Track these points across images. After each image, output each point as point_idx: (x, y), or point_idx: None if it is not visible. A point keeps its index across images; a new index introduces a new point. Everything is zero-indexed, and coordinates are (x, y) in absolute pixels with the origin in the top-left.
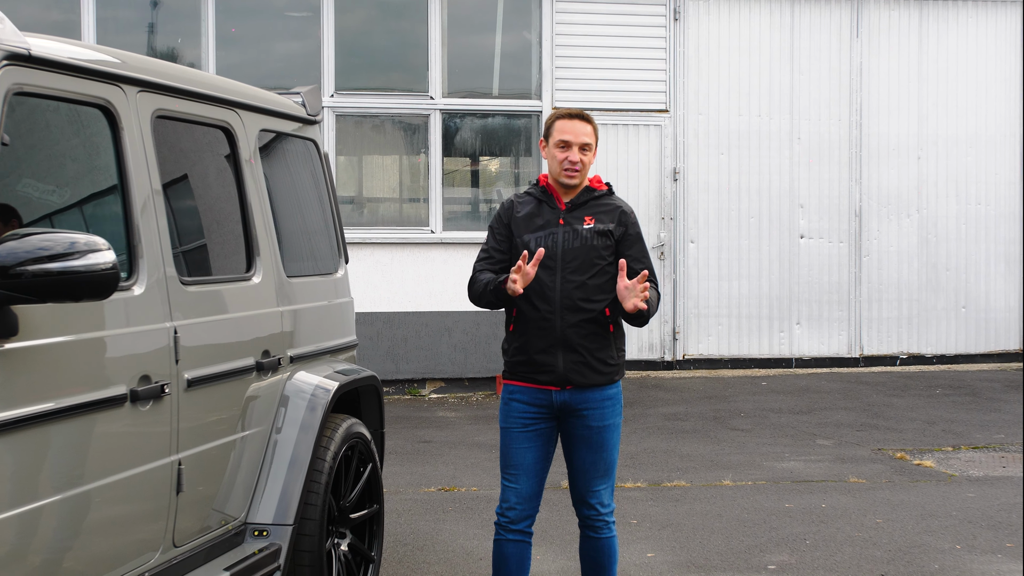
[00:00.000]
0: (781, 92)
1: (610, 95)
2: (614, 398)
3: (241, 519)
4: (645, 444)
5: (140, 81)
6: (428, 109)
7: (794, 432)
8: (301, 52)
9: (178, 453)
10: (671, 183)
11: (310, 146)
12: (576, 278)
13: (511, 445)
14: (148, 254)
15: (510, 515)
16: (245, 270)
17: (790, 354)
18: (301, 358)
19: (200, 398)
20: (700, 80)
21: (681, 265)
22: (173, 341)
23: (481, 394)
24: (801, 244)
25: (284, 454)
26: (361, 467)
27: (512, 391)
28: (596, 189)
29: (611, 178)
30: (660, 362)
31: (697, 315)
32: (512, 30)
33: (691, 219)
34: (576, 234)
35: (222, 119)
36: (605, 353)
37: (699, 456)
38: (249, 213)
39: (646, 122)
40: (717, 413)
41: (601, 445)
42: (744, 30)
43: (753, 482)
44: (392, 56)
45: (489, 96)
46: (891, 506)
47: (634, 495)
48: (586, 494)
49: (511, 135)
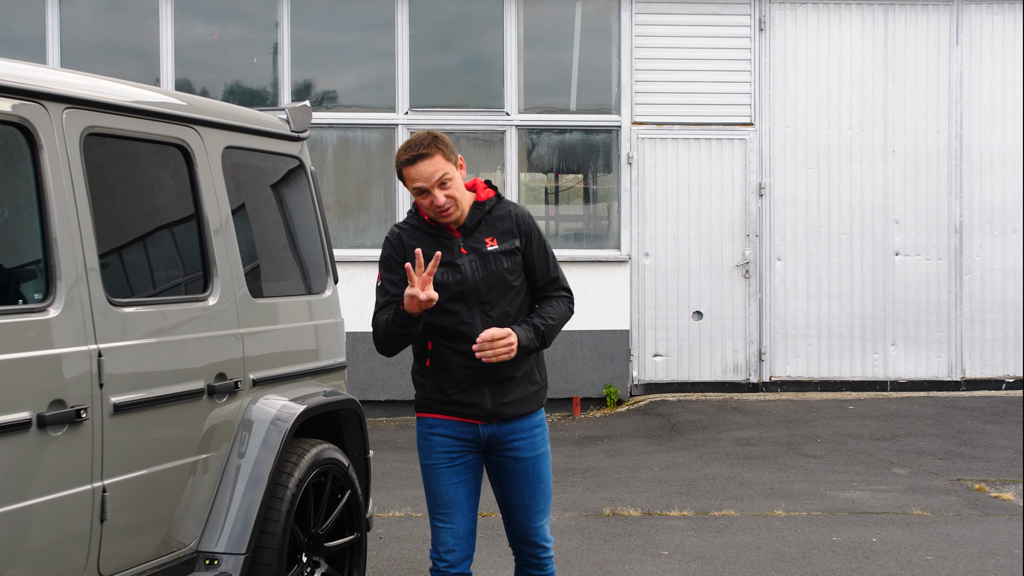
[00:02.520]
0: (874, 103)
1: (692, 109)
2: (541, 424)
3: (192, 547)
4: (707, 470)
5: (65, 98)
6: (504, 125)
7: (870, 459)
8: (375, 69)
9: (102, 480)
10: (756, 199)
11: (294, 163)
12: (496, 311)
13: (440, 483)
14: (66, 275)
15: (449, 559)
16: (200, 291)
17: (884, 377)
18: (270, 381)
19: (131, 423)
20: (787, 92)
21: (767, 284)
22: (96, 365)
23: (558, 415)
24: (896, 261)
25: (239, 480)
26: (339, 494)
27: (432, 425)
28: (484, 201)
29: (693, 194)
30: (745, 384)
31: (784, 335)
32: (590, 43)
33: (777, 236)
34: (484, 260)
35: (176, 136)
36: (529, 379)
37: (760, 484)
38: (206, 233)
39: (730, 136)
40: (792, 438)
41: (537, 476)
42: (834, 39)
43: (807, 512)
44: (467, 71)
45: (567, 111)
46: (948, 542)
47: (675, 524)
48: (529, 532)
49: (589, 151)
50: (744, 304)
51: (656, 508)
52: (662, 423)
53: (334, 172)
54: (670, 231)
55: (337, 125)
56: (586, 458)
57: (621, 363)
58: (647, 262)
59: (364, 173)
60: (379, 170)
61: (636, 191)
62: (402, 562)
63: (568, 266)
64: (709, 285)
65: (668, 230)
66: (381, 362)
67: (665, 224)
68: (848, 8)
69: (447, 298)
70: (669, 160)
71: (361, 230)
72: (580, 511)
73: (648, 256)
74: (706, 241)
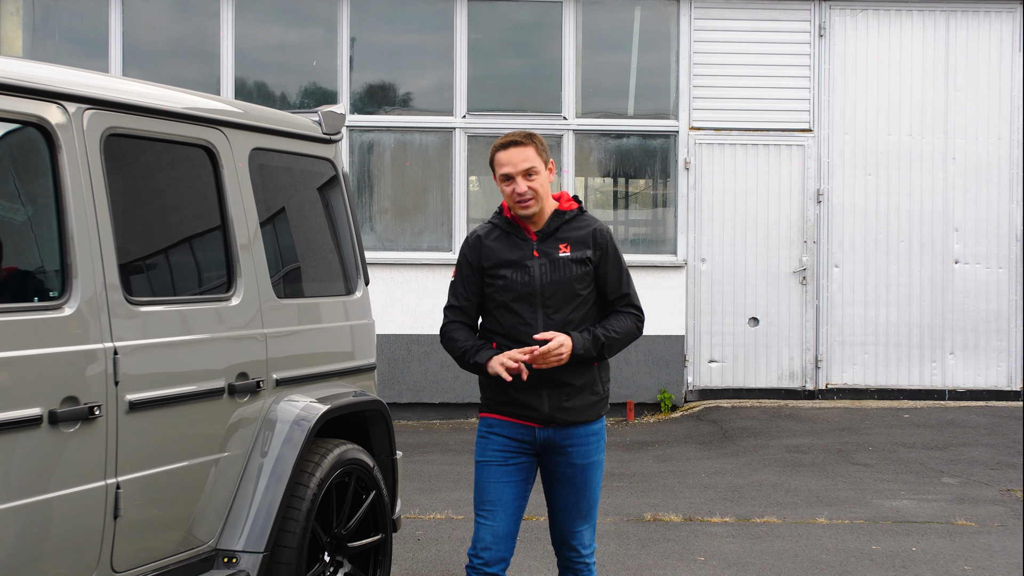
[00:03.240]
0: (935, 110)
1: (750, 114)
2: (598, 434)
3: (211, 544)
4: (754, 477)
5: (85, 98)
6: (561, 129)
7: (920, 468)
8: (433, 72)
9: (116, 476)
10: (814, 205)
11: (326, 166)
12: (559, 315)
13: (488, 480)
14: (82, 274)
15: (484, 556)
16: (224, 291)
17: (943, 385)
18: (294, 381)
19: (148, 421)
20: (846, 98)
21: (824, 291)
22: (112, 362)
23: (612, 420)
24: (956, 269)
25: (260, 479)
26: (363, 494)
27: (491, 424)
28: (566, 211)
29: (750, 200)
30: (801, 391)
31: (841, 343)
32: (649, 48)
33: (835, 243)
34: (554, 265)
35: (201, 137)
36: (591, 388)
37: (806, 491)
38: (230, 234)
39: (788, 142)
40: (843, 446)
41: (585, 483)
42: (894, 45)
43: (850, 521)
44: (525, 75)
45: (624, 116)
46: (989, 553)
47: (716, 530)
48: (568, 535)
49: (646, 156)
50: (801, 311)
51: (698, 514)
52: (714, 429)
53: (391, 175)
54: (727, 237)
55: (395, 128)
56: (635, 463)
57: (676, 369)
58: (703, 267)
59: (421, 176)
60: (436, 173)
61: (693, 196)
62: (437, 564)
63: None
64: (765, 291)
65: (725, 236)
66: (436, 364)
67: (722, 230)
68: (909, 14)
69: (513, 298)
70: (727, 166)
71: (417, 233)
72: (622, 516)
73: (704, 261)
74: (763, 247)
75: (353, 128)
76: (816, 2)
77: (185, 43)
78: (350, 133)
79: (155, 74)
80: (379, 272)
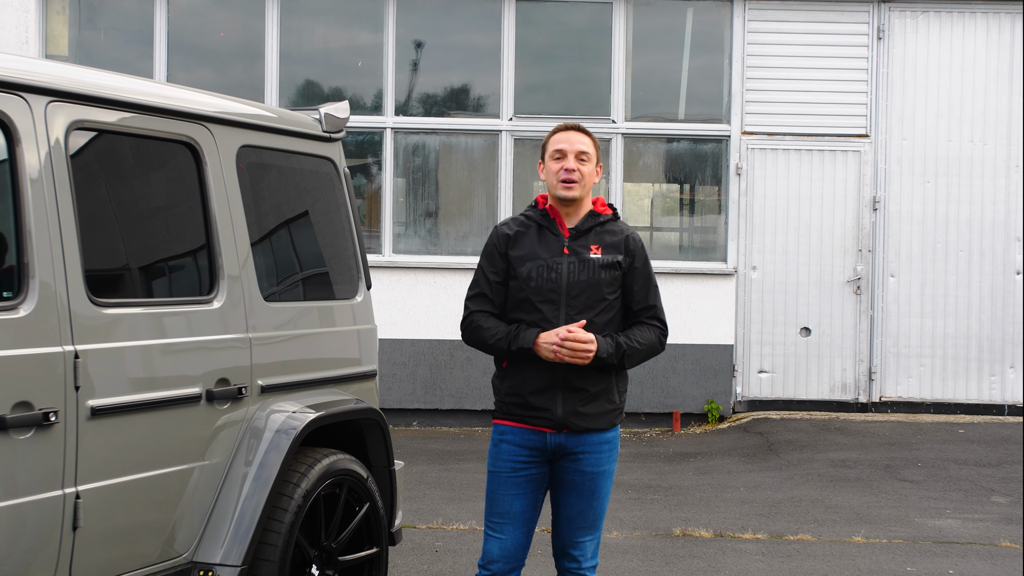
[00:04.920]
0: (998, 115)
1: (805, 119)
2: (611, 443)
3: (187, 557)
4: (795, 492)
5: (48, 90)
6: (610, 133)
7: (970, 486)
8: (480, 75)
9: (76, 486)
10: (870, 212)
11: (326, 165)
12: (581, 316)
13: (498, 491)
14: (42, 273)
15: (492, 568)
16: (205, 293)
17: (1002, 400)
18: (282, 388)
19: (112, 427)
20: (905, 103)
21: (879, 300)
22: (72, 367)
23: (657, 430)
24: (1018, 280)
25: (239, 489)
26: (356, 506)
27: (503, 431)
28: (601, 214)
29: (804, 207)
30: (853, 404)
31: (896, 355)
32: (700, 51)
33: (891, 251)
34: (583, 265)
35: (183, 133)
36: (606, 396)
37: (847, 508)
38: (213, 234)
39: (844, 147)
40: (891, 462)
41: (593, 493)
42: (956, 48)
43: (888, 540)
44: (573, 78)
45: (674, 120)
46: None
47: (745, 547)
48: (568, 545)
49: (696, 161)
50: (854, 321)
51: (730, 530)
52: (760, 441)
53: (436, 178)
54: (779, 244)
55: (440, 130)
56: (674, 475)
57: (724, 379)
58: (754, 276)
59: (466, 179)
60: (481, 176)
61: (744, 203)
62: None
63: (672, 278)
64: (818, 301)
65: (776, 243)
66: (479, 371)
67: (774, 237)
68: (972, 16)
69: (536, 294)
70: (780, 171)
71: (462, 237)
72: (650, 530)
73: (755, 270)
74: (816, 255)
75: (398, 130)
76: (874, 3)
77: (230, 42)
78: (395, 135)
79: (199, 73)
80: (422, 276)
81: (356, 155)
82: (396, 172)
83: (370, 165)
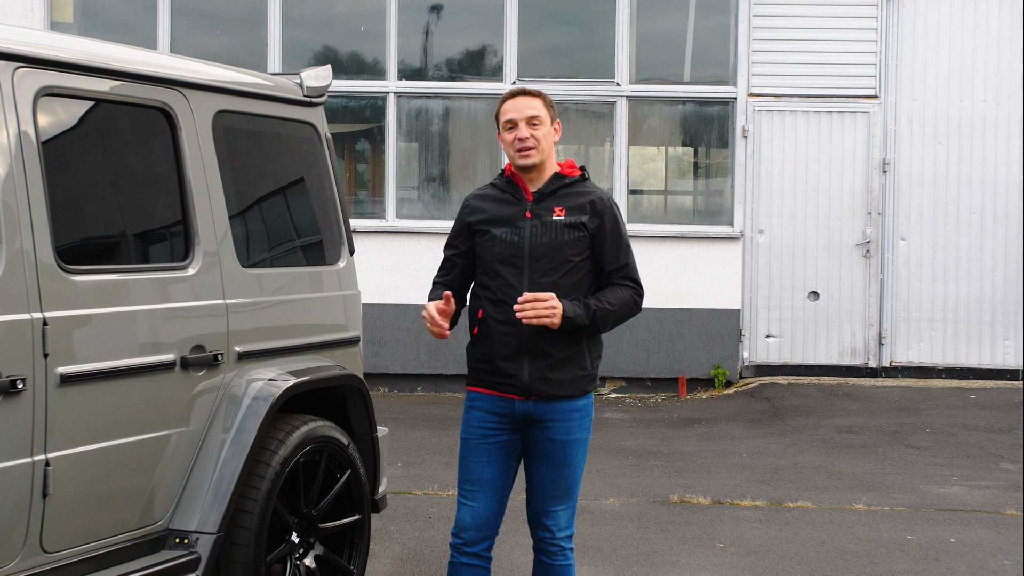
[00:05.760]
0: (1011, 75)
1: (813, 80)
2: (583, 411)
3: (163, 524)
4: (798, 458)
5: (16, 56)
6: (614, 96)
7: (978, 453)
8: (483, 37)
9: (45, 453)
10: (879, 175)
11: (307, 130)
12: (546, 279)
13: (469, 458)
14: (7, 240)
15: (464, 536)
16: (180, 259)
17: (1016, 365)
18: (261, 354)
19: (82, 395)
20: (915, 63)
21: (890, 264)
22: (41, 333)
23: (663, 395)
24: None
25: (215, 456)
26: (338, 473)
27: (473, 398)
28: (567, 176)
29: (812, 170)
30: (863, 369)
31: (907, 319)
32: (706, 11)
33: (902, 214)
34: (545, 227)
35: (156, 99)
36: (576, 362)
37: (850, 474)
38: (188, 200)
39: (852, 109)
40: (899, 427)
41: (564, 461)
42: (968, 7)
43: (890, 508)
44: (577, 41)
45: (680, 82)
46: None
47: (743, 515)
48: (541, 514)
49: (702, 124)
50: (864, 285)
51: (728, 497)
52: (765, 407)
53: (438, 142)
54: (786, 208)
55: (443, 94)
56: (676, 441)
57: (731, 344)
58: (761, 239)
59: (469, 143)
60: (484, 141)
61: (751, 166)
62: (443, 543)
63: (678, 242)
64: (827, 264)
65: (784, 207)
66: None
67: (781, 200)
68: None
69: (499, 258)
70: (787, 134)
71: None
72: (648, 497)
73: (762, 233)
74: (824, 219)
75: (401, 94)
76: None
77: (231, 9)
78: (398, 99)
79: (202, 38)
80: (426, 241)
81: (359, 120)
82: (399, 137)
83: (373, 130)
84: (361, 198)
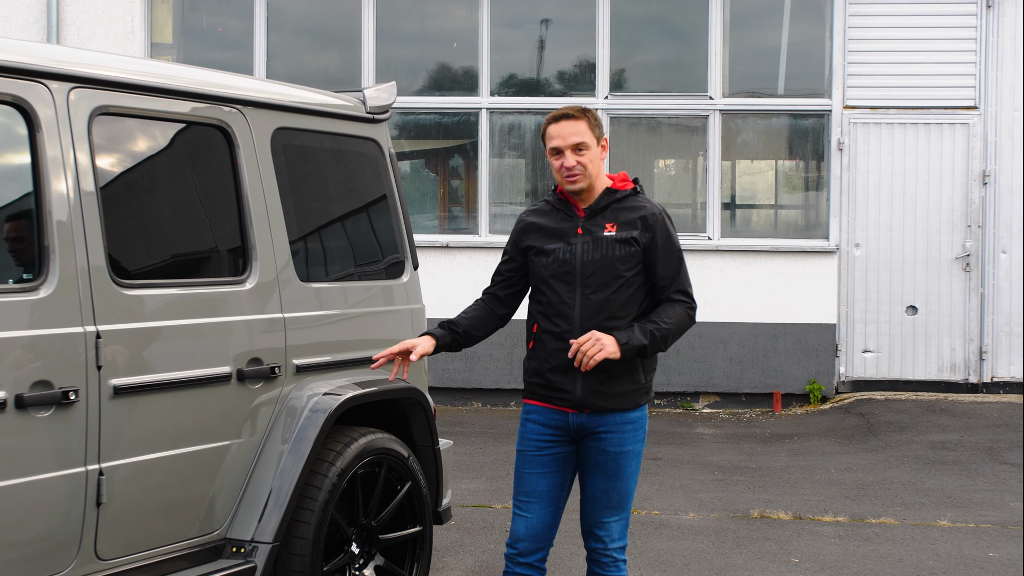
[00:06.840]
0: None
1: (909, 91)
2: (636, 423)
3: (220, 533)
4: (887, 474)
5: (70, 76)
6: (707, 110)
7: None
8: (575, 53)
9: (99, 463)
10: (979, 187)
11: (371, 146)
12: (598, 296)
13: (524, 470)
14: (63, 255)
15: (518, 547)
16: (237, 274)
17: None
18: (319, 368)
19: (136, 406)
20: (1016, 73)
21: (990, 278)
22: (94, 346)
23: (757, 411)
24: None
25: (271, 467)
26: (399, 485)
27: (529, 411)
28: (619, 190)
29: (910, 182)
30: (963, 384)
31: (1008, 333)
32: (800, 23)
33: (1003, 227)
34: (596, 243)
35: (214, 117)
36: (630, 376)
37: (939, 491)
38: (247, 216)
39: (951, 120)
40: (995, 444)
41: (616, 473)
42: None
43: (975, 525)
44: (669, 55)
45: (773, 95)
46: None
47: (822, 530)
48: (594, 525)
49: (797, 136)
50: (964, 299)
51: (809, 512)
52: (859, 423)
53: (531, 157)
54: (883, 221)
55: (534, 110)
56: (765, 456)
57: (826, 359)
58: (857, 253)
59: None
60: None
61: (846, 178)
62: None
63: (772, 256)
64: (925, 278)
65: (880, 220)
66: None
67: (877, 213)
68: None
69: (552, 274)
70: (883, 146)
71: None
72: (728, 512)
73: (858, 247)
74: (922, 232)
75: (493, 110)
76: None
77: (328, 26)
78: (490, 115)
79: (297, 56)
80: None
81: (452, 136)
82: (492, 152)
83: (466, 146)
84: (455, 213)
